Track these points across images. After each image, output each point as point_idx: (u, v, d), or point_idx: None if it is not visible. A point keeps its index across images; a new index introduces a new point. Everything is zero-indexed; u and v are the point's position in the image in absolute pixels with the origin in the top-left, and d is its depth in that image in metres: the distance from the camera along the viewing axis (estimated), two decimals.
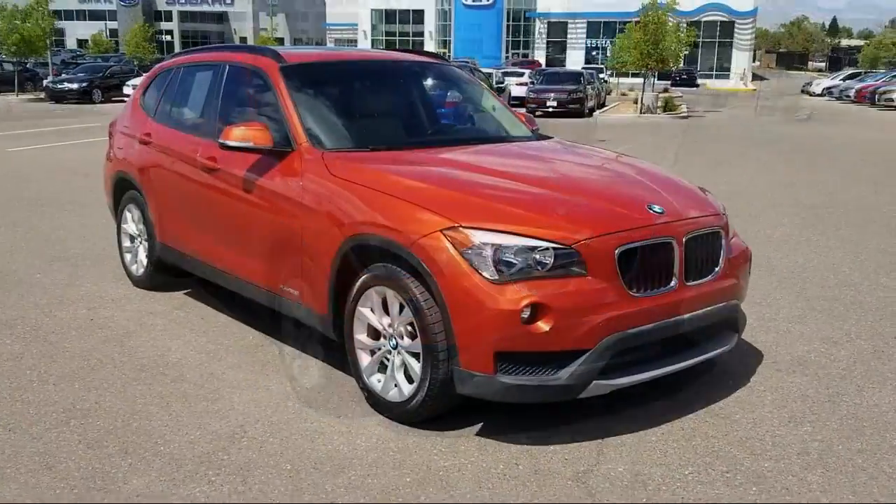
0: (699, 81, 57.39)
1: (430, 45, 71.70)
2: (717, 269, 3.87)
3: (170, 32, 78.41)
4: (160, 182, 5.48)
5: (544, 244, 3.37)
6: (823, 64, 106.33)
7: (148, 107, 5.95)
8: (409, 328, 3.64)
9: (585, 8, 64.56)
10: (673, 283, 3.62)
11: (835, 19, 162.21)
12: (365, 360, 3.91)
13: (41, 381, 4.23)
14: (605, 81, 40.24)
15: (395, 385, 3.74)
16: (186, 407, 3.94)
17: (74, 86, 30.65)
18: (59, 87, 30.83)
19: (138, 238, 6.01)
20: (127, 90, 29.79)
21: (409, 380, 3.67)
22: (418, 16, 72.59)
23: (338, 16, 78.41)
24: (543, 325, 3.29)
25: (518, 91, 30.44)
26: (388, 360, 3.80)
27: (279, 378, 4.31)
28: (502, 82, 31.75)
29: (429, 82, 5.30)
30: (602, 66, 48.79)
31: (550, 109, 26.06)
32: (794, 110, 32.93)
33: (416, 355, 3.61)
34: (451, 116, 5.49)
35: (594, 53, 65.44)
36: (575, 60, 60.96)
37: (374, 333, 3.87)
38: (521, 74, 34.51)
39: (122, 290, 5.94)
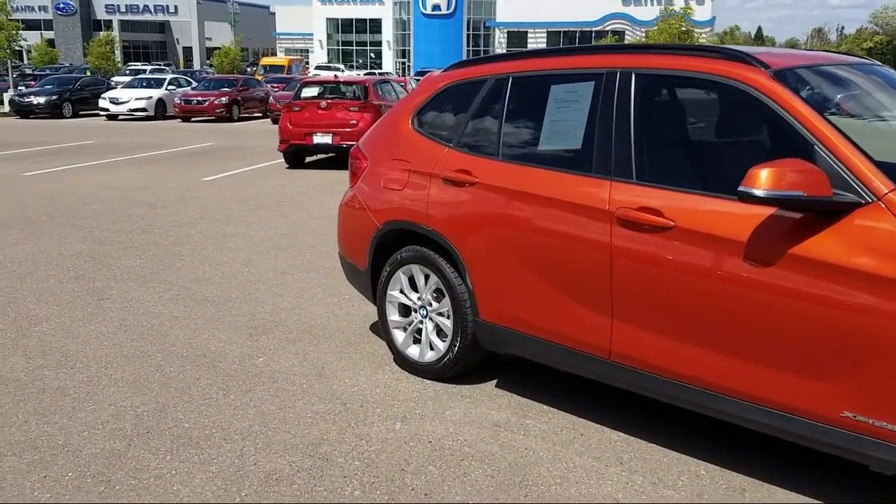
0: None
1: (388, 55, 70.15)
2: None
3: (110, 42, 74.75)
4: (499, 237, 3.86)
5: None
6: None
7: (438, 132, 4.33)
8: None
9: (544, 17, 64.01)
10: None
11: (760, 29, 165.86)
12: None
13: None
14: None
15: None
16: None
17: (42, 100, 27.93)
18: (26, 101, 28.14)
19: (419, 311, 4.39)
20: (103, 103, 27.40)
21: None
22: (375, 25, 70.87)
23: (289, 25, 75.64)
24: None
25: None
26: None
27: None
28: None
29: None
30: None
31: None
32: None
33: None
34: None
35: None
36: None
37: None
38: None
39: (409, 384, 4.30)
